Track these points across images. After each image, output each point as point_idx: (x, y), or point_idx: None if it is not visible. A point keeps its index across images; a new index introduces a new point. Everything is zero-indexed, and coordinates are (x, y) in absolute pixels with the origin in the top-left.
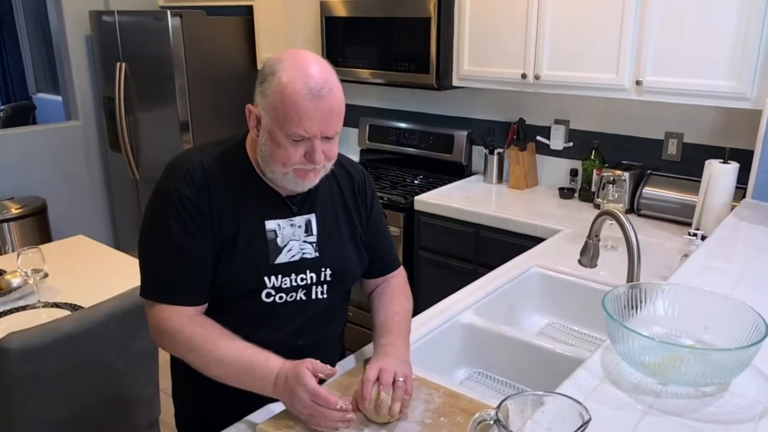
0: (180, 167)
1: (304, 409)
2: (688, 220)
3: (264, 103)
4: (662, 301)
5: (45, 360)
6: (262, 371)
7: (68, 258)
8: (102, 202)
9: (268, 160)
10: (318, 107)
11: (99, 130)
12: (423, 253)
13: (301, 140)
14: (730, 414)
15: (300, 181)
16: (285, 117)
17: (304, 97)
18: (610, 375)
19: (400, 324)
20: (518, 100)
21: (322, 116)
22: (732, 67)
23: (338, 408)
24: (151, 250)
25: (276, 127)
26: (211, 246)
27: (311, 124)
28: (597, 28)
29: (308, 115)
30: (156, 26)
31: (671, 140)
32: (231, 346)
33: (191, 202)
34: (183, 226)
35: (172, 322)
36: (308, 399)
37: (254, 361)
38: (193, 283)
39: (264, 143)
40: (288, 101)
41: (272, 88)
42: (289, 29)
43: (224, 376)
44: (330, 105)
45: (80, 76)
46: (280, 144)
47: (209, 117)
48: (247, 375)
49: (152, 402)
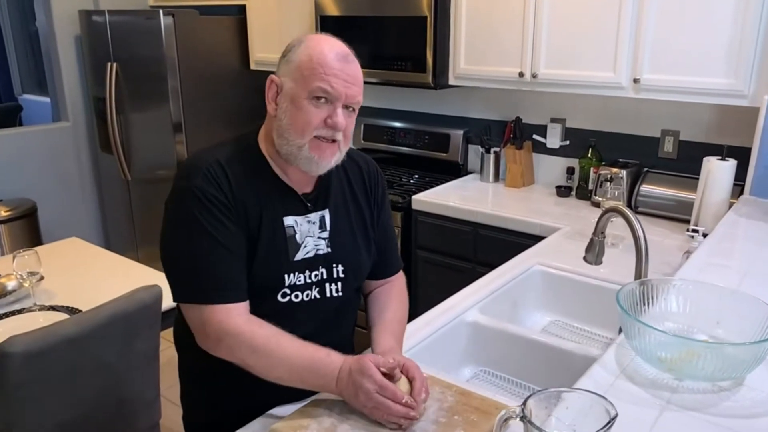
0: (198, 166)
1: (369, 401)
2: (685, 217)
3: (288, 69)
4: (673, 296)
5: (46, 363)
6: (325, 367)
7: (62, 260)
8: (93, 204)
9: (287, 130)
10: (344, 69)
11: (89, 131)
12: (421, 253)
13: (324, 102)
14: (748, 408)
15: (315, 158)
16: (311, 73)
17: (332, 57)
18: (625, 371)
19: (400, 332)
20: (514, 99)
21: (347, 78)
22: (729, 64)
23: (404, 402)
24: (185, 250)
25: (300, 88)
26: (244, 237)
27: (337, 82)
28: (594, 26)
29: (334, 72)
30: (148, 26)
31: (667, 138)
32: (292, 345)
33: (216, 198)
34: (214, 220)
35: (230, 325)
36: (374, 391)
37: (316, 357)
38: (238, 278)
39: (284, 111)
40: (315, 58)
41: (299, 53)
42: (283, 28)
43: (287, 377)
44: (355, 71)
45: (69, 76)
46: (301, 107)
47: (202, 117)
48: (309, 372)
49: (153, 405)
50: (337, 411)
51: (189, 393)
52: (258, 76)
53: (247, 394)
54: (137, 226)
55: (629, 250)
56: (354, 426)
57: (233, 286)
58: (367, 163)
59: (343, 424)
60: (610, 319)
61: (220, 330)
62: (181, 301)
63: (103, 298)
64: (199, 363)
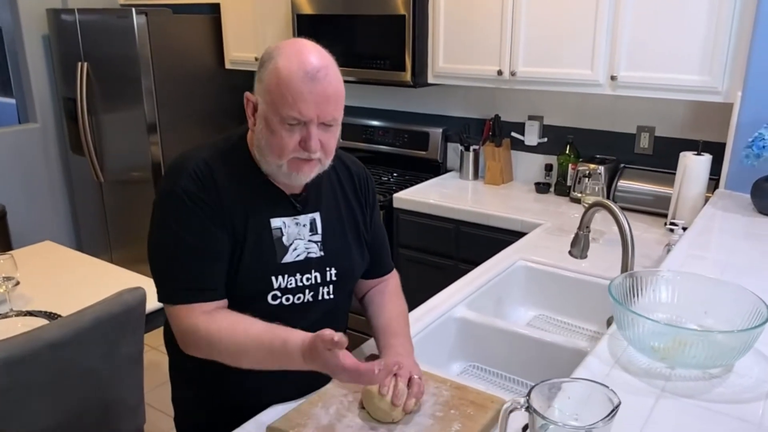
0: (185, 167)
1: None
2: (662, 211)
3: (260, 89)
4: (661, 287)
5: (29, 369)
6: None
7: (37, 265)
8: (64, 207)
9: (264, 150)
10: (313, 90)
11: (59, 132)
12: (403, 251)
13: (297, 125)
14: (738, 394)
15: (294, 174)
16: (279, 99)
17: (299, 79)
18: (619, 361)
19: (405, 327)
20: (492, 97)
21: (317, 99)
22: (703, 61)
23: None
24: (165, 253)
25: (271, 112)
26: (228, 239)
27: (306, 107)
28: (572, 24)
29: (303, 96)
30: (120, 25)
31: (643, 134)
32: (247, 336)
33: (201, 199)
34: (197, 223)
35: (189, 322)
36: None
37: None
38: (209, 279)
39: (260, 131)
40: (282, 83)
41: (268, 73)
42: (259, 27)
43: (256, 363)
44: (325, 89)
45: (38, 76)
46: (274, 131)
47: (177, 118)
48: (272, 359)
49: (137, 410)
50: (334, 409)
51: (180, 394)
52: (233, 75)
53: (241, 394)
54: (111, 229)
55: (609, 245)
56: (351, 424)
57: (203, 287)
58: (357, 165)
59: (340, 422)
60: (593, 312)
61: (180, 328)
62: (158, 301)
63: (81, 302)
64: (190, 364)
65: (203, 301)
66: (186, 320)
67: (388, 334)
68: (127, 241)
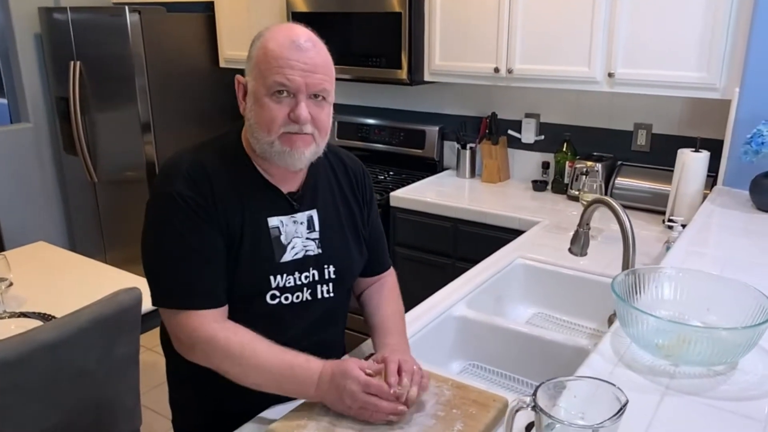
0: (179, 168)
1: (354, 402)
2: (660, 208)
3: (249, 67)
4: (663, 284)
5: (24, 371)
6: (303, 373)
7: (30, 265)
8: (57, 207)
9: (255, 129)
10: (300, 58)
11: (52, 132)
12: (400, 250)
13: (285, 96)
14: (744, 391)
15: (288, 151)
16: (267, 67)
17: (285, 47)
18: (623, 359)
19: (401, 325)
20: (488, 95)
21: (304, 67)
22: (701, 58)
23: (392, 392)
24: (163, 257)
25: (259, 84)
26: (223, 243)
27: (292, 73)
28: (569, 21)
29: (289, 63)
30: (113, 23)
31: (640, 131)
32: (269, 351)
33: (196, 201)
34: (192, 226)
35: (203, 331)
36: (359, 391)
37: (295, 364)
38: (213, 284)
39: (250, 110)
40: (269, 52)
41: (256, 49)
42: (253, 25)
43: (264, 383)
44: (313, 58)
45: (30, 76)
46: (263, 104)
47: (171, 117)
48: (287, 380)
49: (133, 412)
50: (334, 410)
51: (178, 396)
52: (228, 74)
53: (239, 395)
54: (105, 229)
55: (608, 242)
56: (351, 424)
57: (207, 293)
58: (353, 161)
59: (341, 422)
60: (593, 310)
61: (194, 336)
62: (157, 305)
63: (75, 303)
64: (188, 365)
65: (212, 307)
66: (200, 329)
67: (383, 332)
68: (122, 242)
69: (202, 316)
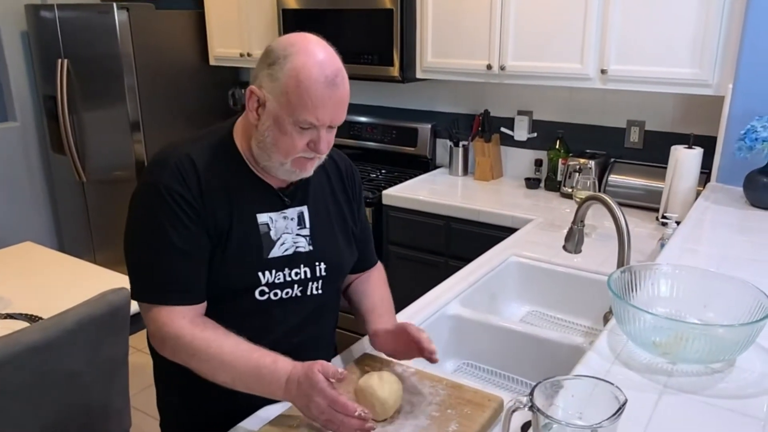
0: (167, 161)
1: (321, 414)
2: (653, 205)
3: (273, 87)
4: (659, 282)
5: (10, 373)
6: (271, 375)
7: (16, 266)
8: (44, 208)
9: (270, 148)
10: (332, 96)
11: (39, 131)
12: (393, 248)
13: (309, 128)
14: (743, 389)
15: (297, 171)
16: (298, 103)
17: (320, 84)
18: (620, 357)
19: (390, 309)
20: (481, 92)
21: (334, 105)
22: (694, 54)
23: (357, 415)
24: (143, 250)
25: (285, 114)
26: (207, 240)
27: (324, 113)
28: (561, 17)
29: (323, 102)
30: (101, 21)
31: (633, 128)
32: (236, 350)
33: (182, 196)
34: (175, 221)
35: (172, 327)
36: (326, 405)
37: (262, 364)
38: (189, 281)
39: (267, 130)
40: (303, 87)
41: (285, 72)
42: (243, 23)
43: (231, 382)
44: (343, 94)
45: (16, 74)
46: (285, 131)
47: (161, 115)
48: (255, 380)
49: (122, 414)
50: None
51: (166, 398)
52: (218, 71)
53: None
54: (94, 230)
55: (601, 239)
56: None
57: (182, 289)
58: (343, 159)
59: None
60: (587, 307)
61: (163, 331)
62: (134, 299)
63: (64, 304)
64: (176, 367)
65: (186, 304)
66: (169, 325)
67: (375, 315)
68: (111, 242)
69: (172, 312)
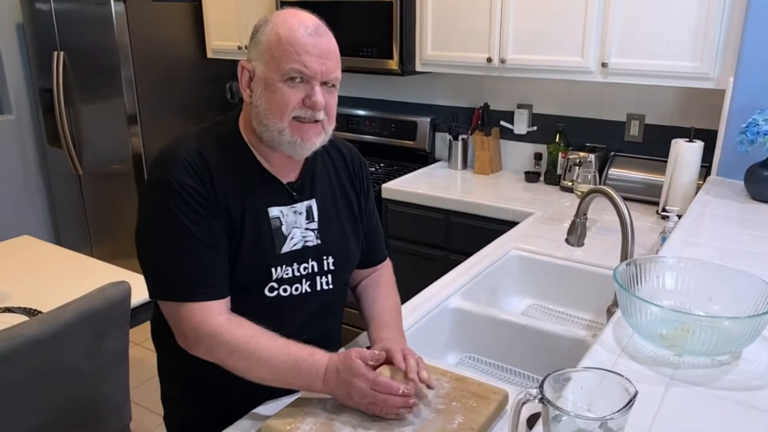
0: (176, 156)
1: (363, 399)
2: (653, 199)
3: (257, 52)
4: (664, 274)
5: (10, 367)
6: (309, 367)
7: (14, 260)
8: (41, 201)
9: (265, 115)
10: (316, 43)
11: (35, 124)
12: (392, 242)
13: (300, 81)
14: (749, 381)
15: (298, 141)
16: (282, 54)
17: (301, 33)
18: (625, 349)
19: (397, 319)
20: (480, 86)
21: (320, 54)
22: (695, 47)
23: (401, 393)
24: (164, 247)
25: (272, 70)
26: (224, 233)
27: (310, 60)
28: (562, 10)
29: (306, 49)
30: (98, 13)
31: (633, 122)
32: (274, 345)
33: (195, 190)
34: (194, 214)
35: (209, 325)
36: (368, 388)
37: (300, 358)
38: (217, 274)
39: (259, 97)
40: (284, 37)
41: (266, 34)
42: (241, 15)
43: (269, 378)
44: (328, 44)
45: (12, 67)
46: (276, 89)
47: (158, 108)
48: (294, 374)
49: (123, 408)
50: (331, 404)
51: (170, 392)
52: (215, 64)
53: (234, 391)
54: (91, 223)
55: (603, 233)
56: (349, 418)
57: (212, 283)
58: (350, 150)
59: (339, 416)
60: (588, 301)
61: (198, 330)
62: (157, 298)
63: (62, 297)
64: (181, 360)
65: (217, 298)
66: (205, 323)
67: (380, 326)
68: (108, 236)
69: (206, 308)
